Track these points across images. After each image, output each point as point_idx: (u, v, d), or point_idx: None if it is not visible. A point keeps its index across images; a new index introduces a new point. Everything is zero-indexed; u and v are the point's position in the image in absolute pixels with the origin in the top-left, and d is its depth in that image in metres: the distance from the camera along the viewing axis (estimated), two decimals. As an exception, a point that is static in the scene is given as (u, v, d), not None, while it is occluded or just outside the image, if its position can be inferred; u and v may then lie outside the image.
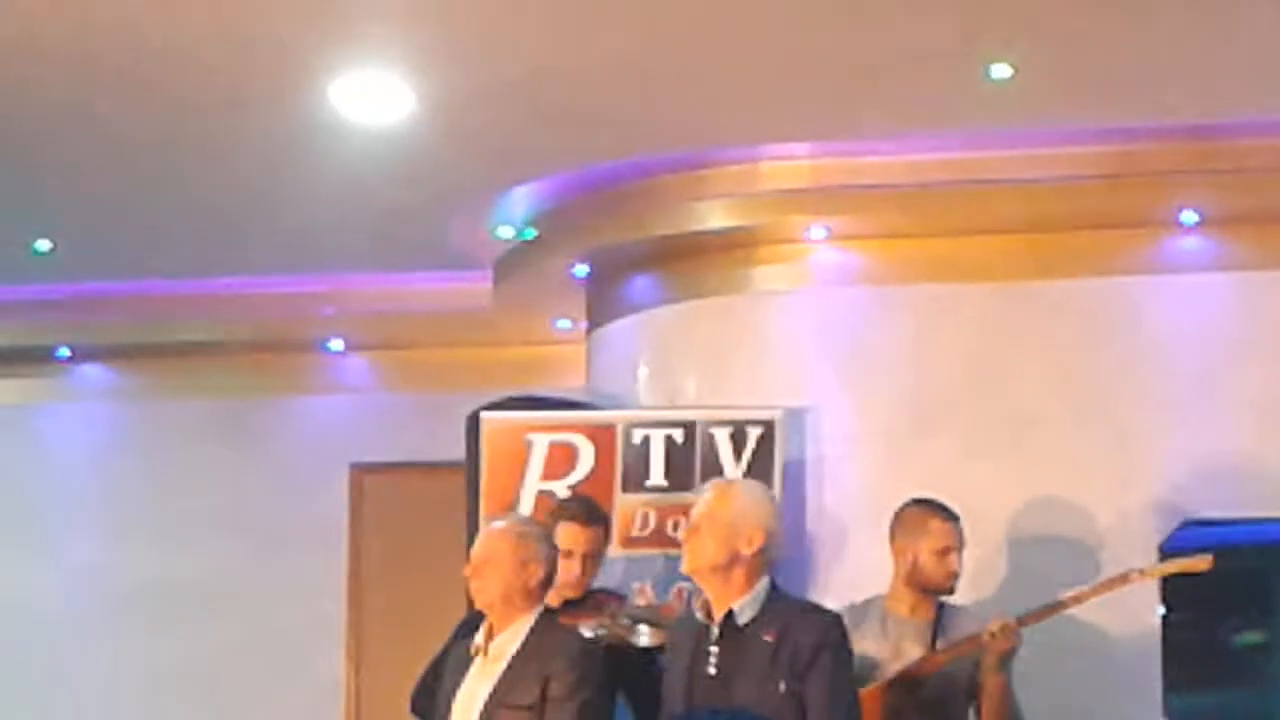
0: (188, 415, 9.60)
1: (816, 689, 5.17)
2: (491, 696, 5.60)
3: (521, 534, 5.71)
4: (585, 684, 5.60)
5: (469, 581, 5.69)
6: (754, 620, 5.27)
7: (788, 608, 5.32)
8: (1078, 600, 6.33)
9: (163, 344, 9.41)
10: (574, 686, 5.57)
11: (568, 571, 6.26)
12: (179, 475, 9.58)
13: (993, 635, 5.98)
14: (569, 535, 6.32)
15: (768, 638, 5.22)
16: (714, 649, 5.33)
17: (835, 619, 5.41)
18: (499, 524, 5.77)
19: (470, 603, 5.91)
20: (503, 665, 5.63)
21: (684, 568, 5.46)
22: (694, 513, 5.43)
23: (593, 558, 6.34)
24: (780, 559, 5.43)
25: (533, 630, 5.65)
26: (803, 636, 5.21)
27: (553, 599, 6.28)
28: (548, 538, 5.81)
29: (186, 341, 9.36)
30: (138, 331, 9.34)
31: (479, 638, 5.70)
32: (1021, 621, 6.12)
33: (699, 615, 5.39)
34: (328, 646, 9.39)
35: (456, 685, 5.72)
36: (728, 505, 5.34)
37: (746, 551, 5.28)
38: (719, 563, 5.30)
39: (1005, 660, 6.03)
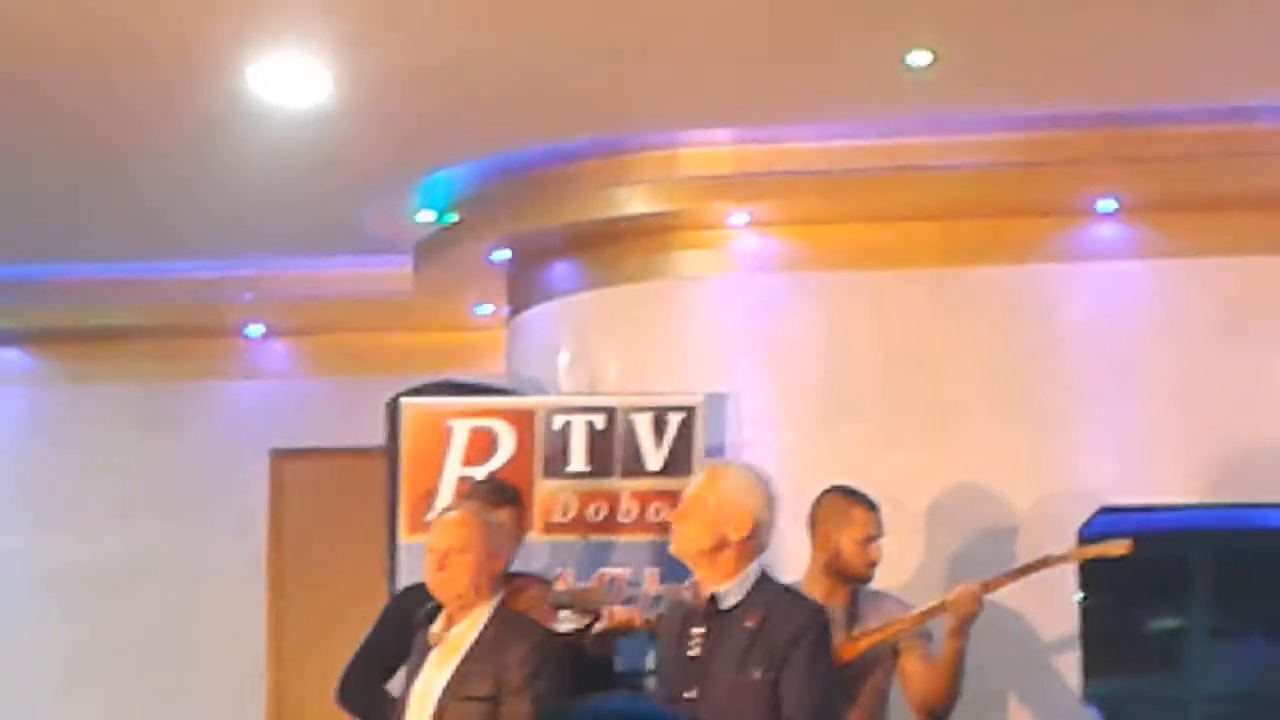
0: (108, 400, 9.54)
1: (790, 680, 5.15)
2: (447, 688, 5.55)
3: (488, 523, 5.67)
4: (540, 676, 5.55)
5: (434, 574, 5.60)
6: (738, 605, 5.23)
7: (772, 595, 5.27)
8: (997, 584, 6.36)
9: (82, 329, 9.34)
10: (529, 678, 5.53)
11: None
12: (99, 460, 9.52)
13: (957, 599, 5.99)
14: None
15: (749, 623, 5.19)
16: (696, 631, 5.31)
17: (816, 610, 5.38)
18: (456, 513, 5.68)
19: (395, 590, 5.88)
20: (459, 656, 5.58)
21: (671, 550, 5.43)
22: (684, 495, 5.41)
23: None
24: (768, 544, 5.39)
25: (490, 620, 5.60)
26: (781, 625, 5.18)
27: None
28: (504, 528, 5.79)
29: (106, 326, 9.30)
30: (57, 316, 9.27)
31: (436, 627, 5.65)
32: (932, 612, 6.15)
33: (688, 597, 5.38)
34: (249, 630, 9.35)
35: (414, 675, 5.68)
36: (716, 490, 5.30)
37: (734, 537, 5.22)
38: (705, 547, 5.25)
39: (965, 626, 6.04)
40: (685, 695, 5.27)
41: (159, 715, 9.25)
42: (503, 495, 6.43)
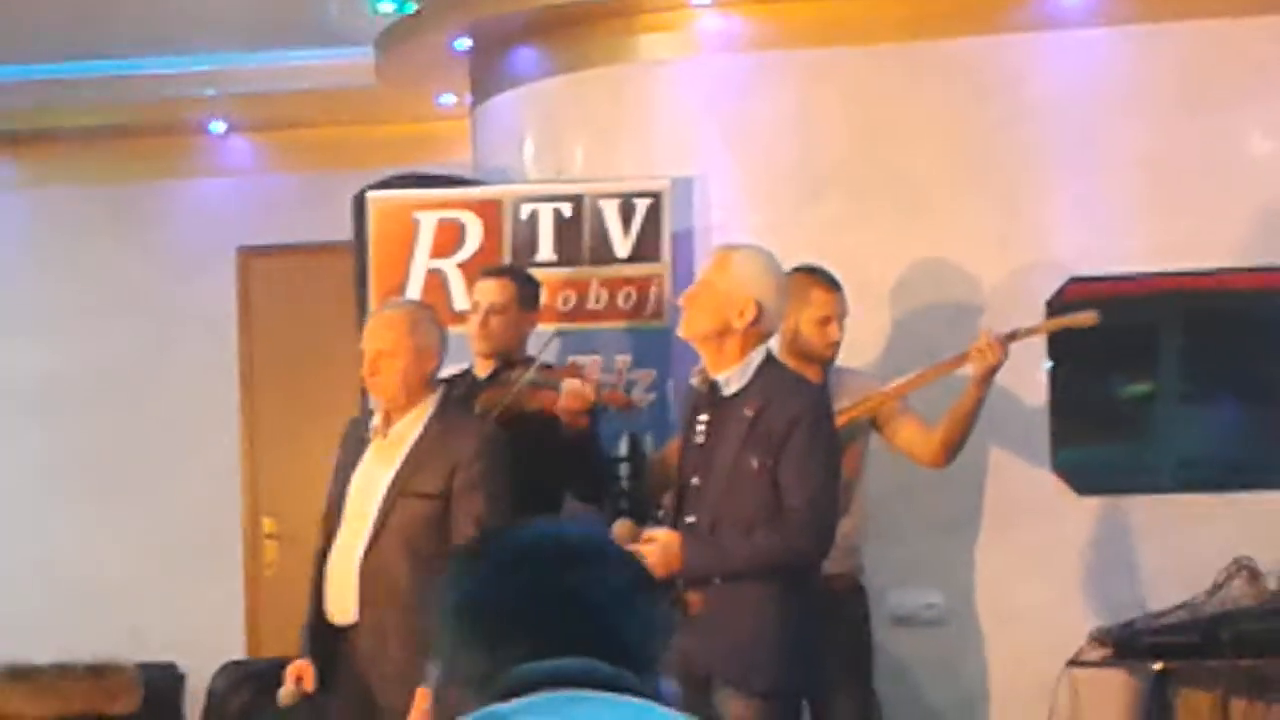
0: (70, 203, 9.48)
1: (787, 467, 5.15)
2: (394, 483, 5.55)
3: (415, 320, 5.63)
4: (493, 473, 5.56)
5: (367, 378, 5.59)
6: (740, 392, 5.23)
7: (774, 381, 5.25)
8: (965, 360, 6.38)
9: (41, 130, 9.26)
10: (481, 475, 5.54)
11: (471, 324, 6.25)
12: (63, 264, 9.48)
13: (979, 350, 6.05)
14: (475, 288, 6.33)
15: (748, 411, 5.19)
16: (703, 417, 5.32)
17: (815, 394, 5.38)
18: (383, 314, 5.65)
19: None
20: (404, 450, 5.57)
21: (679, 332, 5.43)
22: (697, 277, 5.40)
23: (499, 313, 6.27)
24: (776, 330, 5.38)
25: (434, 415, 5.60)
26: (778, 412, 5.17)
27: (480, 368, 6.28)
28: (436, 319, 5.76)
29: (65, 128, 9.22)
30: (13, 119, 9.18)
31: (375, 420, 5.65)
32: (903, 388, 6.19)
33: (694, 382, 5.38)
34: (222, 428, 9.38)
35: (351, 465, 5.67)
36: (724, 274, 5.27)
37: (738, 323, 5.21)
38: (710, 331, 5.24)
39: (988, 378, 6.09)
40: (691, 482, 5.31)
41: (136, 517, 9.30)
42: (500, 269, 6.47)
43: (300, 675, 5.60)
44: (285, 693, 5.63)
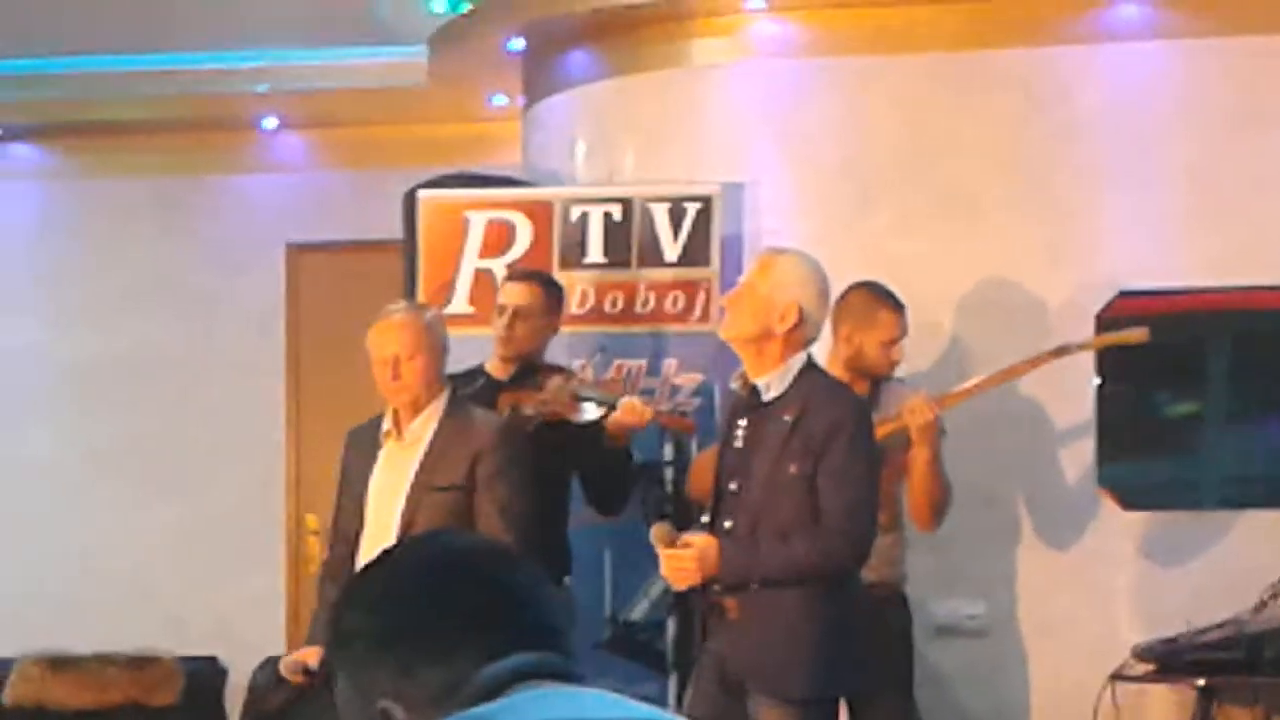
0: (122, 195, 9.51)
1: (826, 474, 5.13)
2: (417, 479, 5.58)
3: (428, 321, 5.65)
4: (515, 462, 5.60)
5: (389, 383, 5.59)
6: (780, 397, 5.21)
7: (814, 387, 5.23)
8: (1015, 373, 6.39)
9: (95, 122, 9.28)
10: (503, 465, 5.57)
11: (496, 327, 6.26)
12: (115, 256, 9.51)
13: (910, 410, 6.03)
14: (502, 290, 6.34)
15: (787, 416, 5.17)
16: (742, 422, 5.31)
17: (855, 402, 5.36)
18: (397, 317, 5.65)
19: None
20: (422, 448, 5.60)
21: (721, 334, 5.43)
22: (740, 279, 5.40)
23: (525, 317, 6.28)
24: (817, 336, 5.37)
25: (447, 412, 5.63)
26: (818, 419, 5.15)
27: (498, 370, 6.29)
28: (441, 316, 5.81)
29: (119, 120, 9.24)
30: (69, 109, 9.21)
31: (386, 424, 5.67)
32: (949, 400, 6.18)
33: (734, 386, 5.38)
34: (268, 423, 9.40)
35: (366, 472, 5.69)
36: (767, 278, 5.26)
37: (779, 328, 5.19)
38: (751, 335, 5.23)
39: (926, 435, 6.07)
40: (729, 487, 5.30)
41: (180, 507, 9.33)
42: (528, 273, 6.49)
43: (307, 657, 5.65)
44: (286, 662, 5.69)
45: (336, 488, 5.92)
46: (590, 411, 6.11)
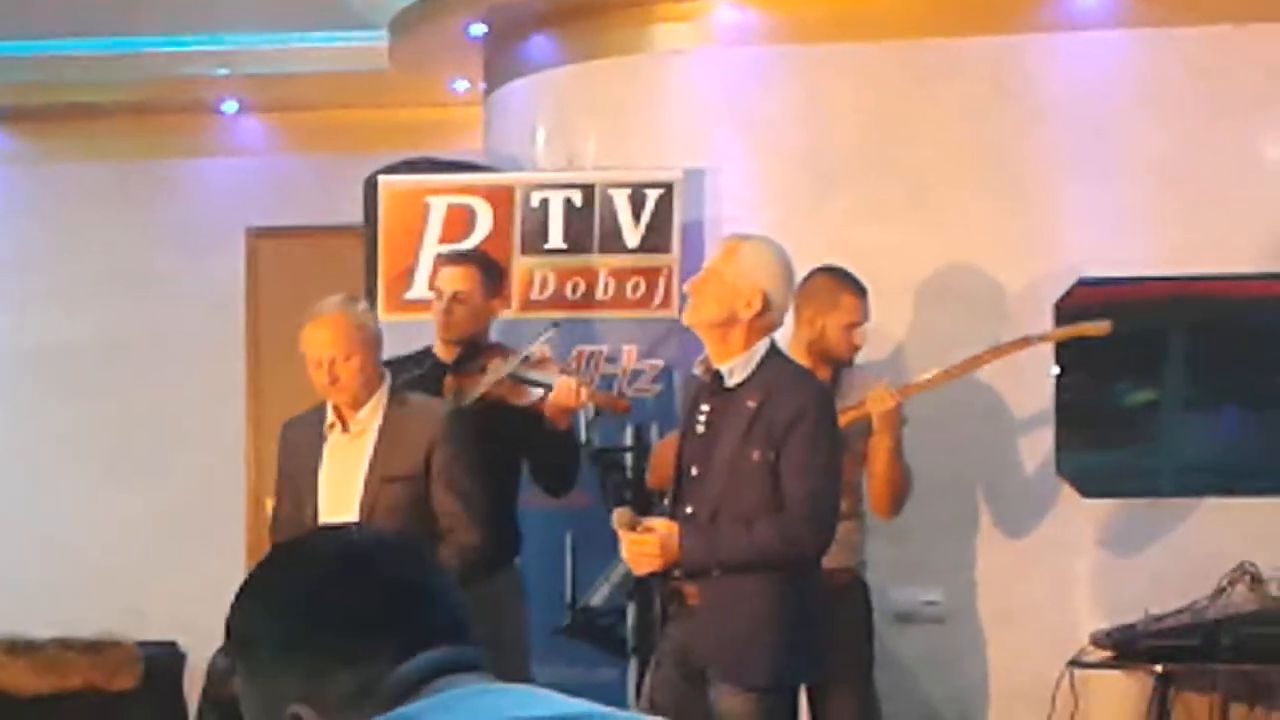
0: (82, 179, 9.47)
1: (789, 461, 5.12)
2: (371, 471, 5.57)
3: (357, 318, 5.61)
4: (466, 448, 5.62)
5: (327, 386, 5.56)
6: (743, 383, 5.20)
7: (777, 374, 5.22)
8: (976, 363, 6.40)
9: (55, 105, 9.25)
10: (456, 452, 5.59)
11: (436, 312, 6.25)
12: (74, 240, 9.48)
13: (872, 399, 6.05)
14: (438, 275, 6.34)
15: (750, 403, 5.16)
16: (705, 407, 5.30)
17: (819, 390, 5.35)
18: (327, 318, 5.60)
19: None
20: (370, 439, 5.60)
21: (684, 319, 5.41)
22: (704, 265, 5.39)
23: (463, 300, 6.26)
24: (781, 322, 5.37)
25: (390, 401, 5.63)
26: (781, 405, 5.14)
27: (444, 352, 6.28)
28: (368, 307, 5.80)
29: (79, 103, 9.21)
30: (27, 93, 9.17)
31: (329, 417, 5.66)
32: (911, 389, 6.20)
33: (697, 372, 5.36)
34: (229, 408, 9.38)
35: (310, 464, 5.68)
36: (732, 263, 5.25)
37: (745, 314, 5.18)
38: (716, 320, 5.21)
39: (888, 423, 6.09)
40: (691, 472, 5.29)
41: (139, 493, 9.30)
42: (463, 254, 6.48)
43: None
44: None
45: (276, 480, 5.90)
46: (530, 393, 6.10)
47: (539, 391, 6.07)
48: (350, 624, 1.91)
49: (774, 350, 5.28)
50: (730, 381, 5.22)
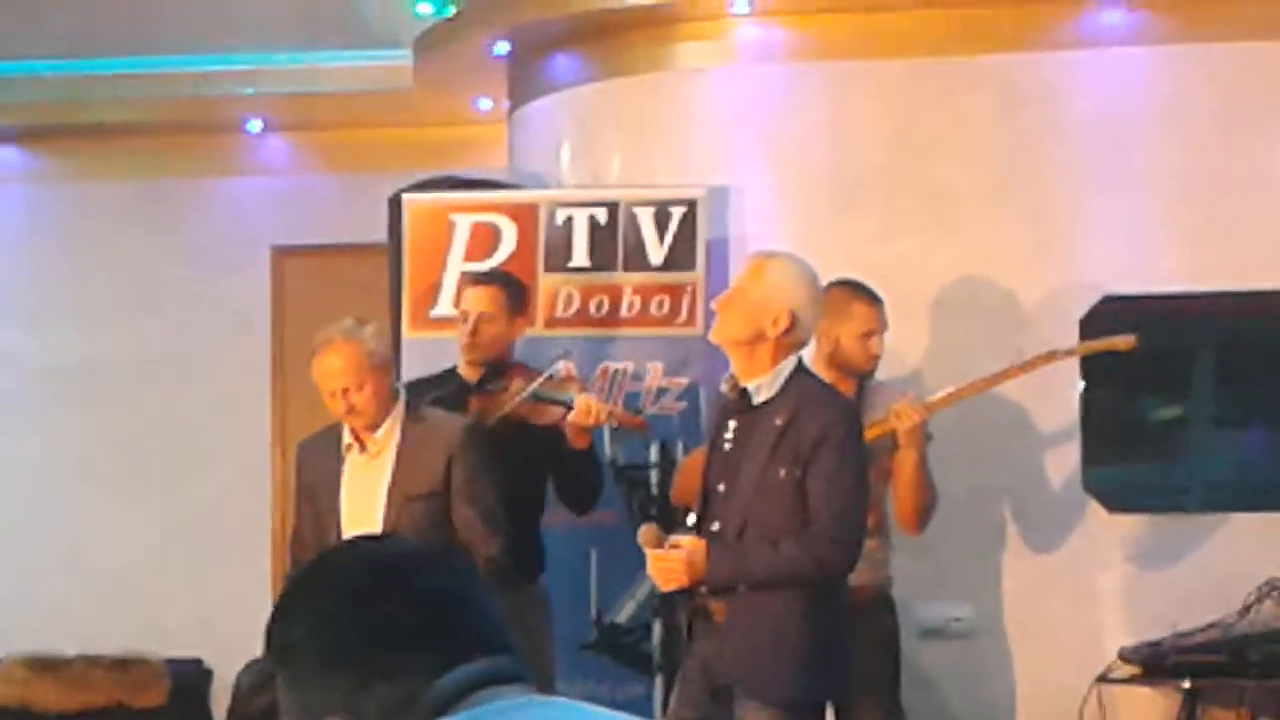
0: (106, 197, 9.50)
1: (816, 479, 5.12)
2: (392, 490, 5.59)
3: (367, 345, 5.61)
4: (487, 463, 5.63)
5: (344, 415, 5.58)
6: (770, 401, 5.20)
7: (804, 391, 5.21)
8: (1002, 378, 6.39)
9: (78, 125, 9.28)
10: (476, 468, 5.60)
11: (461, 333, 6.27)
12: (99, 258, 9.51)
13: (897, 414, 6.04)
14: (463, 297, 6.34)
15: (777, 420, 5.15)
16: (731, 424, 5.30)
17: (845, 407, 5.35)
18: (335, 349, 5.61)
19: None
20: (390, 457, 5.61)
21: (711, 337, 5.41)
22: (731, 283, 5.39)
23: (488, 322, 6.27)
24: (808, 340, 5.37)
25: (406, 420, 5.64)
26: (808, 424, 5.13)
27: (468, 372, 6.29)
28: (377, 328, 5.80)
29: (103, 123, 9.24)
30: (52, 112, 9.20)
31: (347, 438, 5.67)
32: (936, 404, 6.20)
33: (724, 389, 5.37)
34: (253, 427, 9.39)
35: (330, 483, 5.69)
36: (759, 281, 5.25)
37: (772, 331, 5.17)
38: (743, 338, 5.21)
39: (913, 438, 6.08)
40: (717, 489, 5.29)
41: (164, 509, 9.32)
42: (488, 275, 6.49)
43: None
44: None
45: (296, 500, 5.91)
46: (551, 412, 6.12)
47: (559, 410, 6.08)
48: (388, 637, 1.91)
49: (801, 368, 5.28)
50: (757, 399, 5.22)
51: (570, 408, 6.06)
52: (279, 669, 1.97)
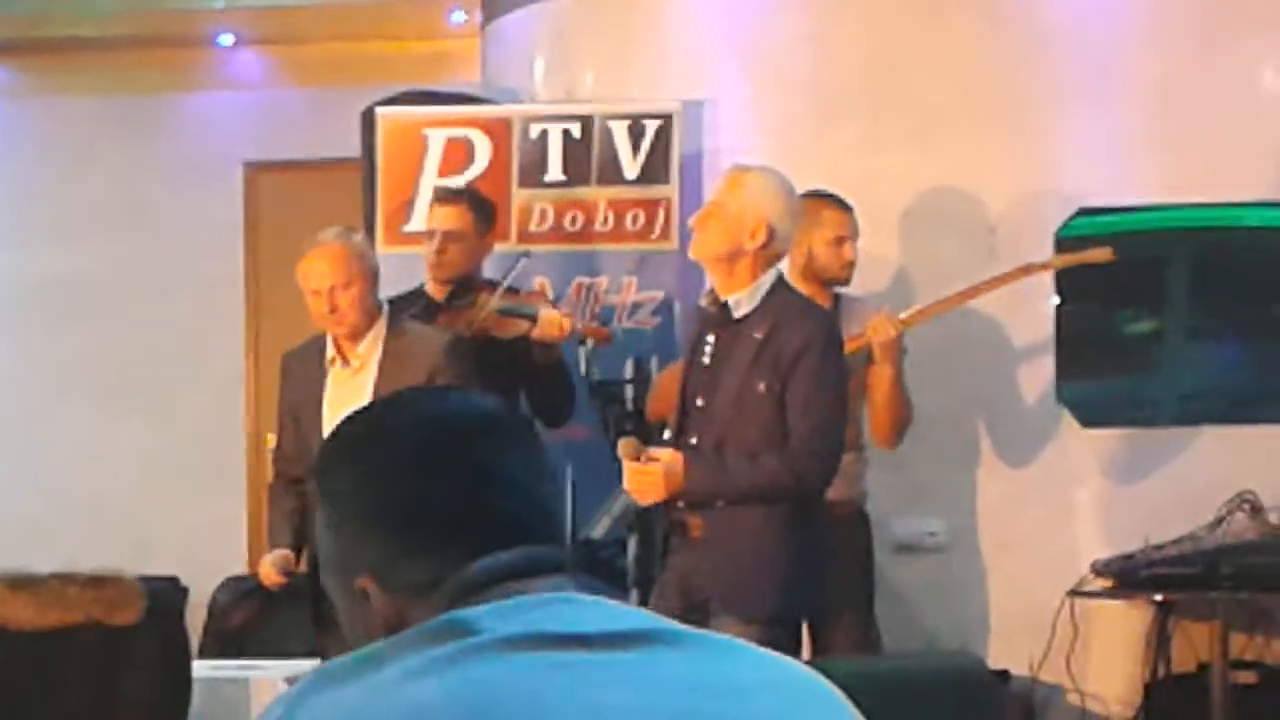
0: (77, 112, 9.45)
1: (795, 392, 5.12)
2: None
3: (358, 248, 5.62)
4: (466, 379, 5.63)
5: (325, 315, 5.58)
6: (750, 314, 5.20)
7: (784, 305, 5.22)
8: (977, 292, 6.39)
9: (48, 39, 9.22)
10: (459, 380, 5.60)
11: (428, 252, 6.25)
12: (71, 173, 9.46)
13: (873, 328, 6.04)
14: (430, 215, 6.33)
15: (757, 334, 5.16)
16: (710, 339, 5.30)
17: (826, 320, 5.36)
18: (329, 247, 5.61)
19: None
20: (372, 372, 5.61)
21: (690, 253, 5.40)
22: (708, 199, 5.37)
23: (456, 240, 6.26)
24: (786, 252, 5.35)
25: (389, 333, 5.63)
26: (789, 336, 5.13)
27: (436, 291, 6.28)
28: (367, 240, 5.80)
29: (73, 37, 9.18)
30: (21, 26, 9.14)
31: (330, 351, 5.66)
32: (911, 319, 6.18)
33: (703, 303, 5.36)
34: (228, 343, 9.38)
35: (313, 397, 5.69)
36: (737, 195, 5.23)
37: (750, 245, 5.17)
38: (721, 253, 5.20)
39: (889, 352, 6.08)
40: (696, 403, 5.29)
41: (140, 430, 9.31)
42: (453, 193, 6.46)
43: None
44: (274, 558, 5.69)
45: (279, 411, 5.91)
46: (517, 325, 6.12)
47: (526, 324, 6.09)
48: (430, 510, 1.87)
49: (781, 282, 5.27)
50: (737, 313, 5.21)
51: (534, 320, 6.07)
52: (325, 506, 1.91)
